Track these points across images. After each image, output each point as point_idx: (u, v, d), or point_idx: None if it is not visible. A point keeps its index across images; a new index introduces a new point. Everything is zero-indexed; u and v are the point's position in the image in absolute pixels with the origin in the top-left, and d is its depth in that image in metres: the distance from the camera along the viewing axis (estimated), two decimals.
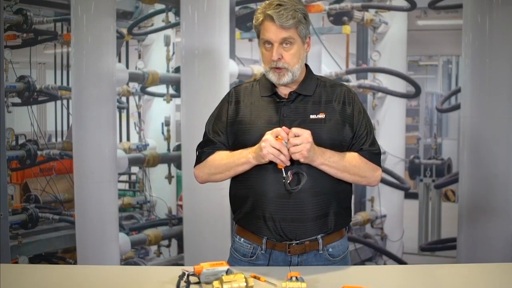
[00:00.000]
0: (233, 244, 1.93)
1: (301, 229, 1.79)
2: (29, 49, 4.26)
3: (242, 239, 1.88)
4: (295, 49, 1.78)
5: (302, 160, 1.70)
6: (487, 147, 3.53)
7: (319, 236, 1.82)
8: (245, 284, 1.56)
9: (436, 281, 1.74)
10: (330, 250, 1.85)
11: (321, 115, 1.80)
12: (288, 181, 1.73)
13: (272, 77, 1.80)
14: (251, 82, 1.94)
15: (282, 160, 1.69)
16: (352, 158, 1.81)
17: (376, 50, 4.45)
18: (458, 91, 4.50)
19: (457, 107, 4.17)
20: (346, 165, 1.78)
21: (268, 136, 1.70)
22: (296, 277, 1.60)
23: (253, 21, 1.82)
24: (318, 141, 1.75)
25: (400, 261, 4.33)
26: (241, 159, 1.79)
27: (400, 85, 4.45)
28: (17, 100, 4.12)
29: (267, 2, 1.79)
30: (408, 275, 1.74)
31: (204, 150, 1.89)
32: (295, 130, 1.69)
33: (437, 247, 4.61)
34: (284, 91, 1.85)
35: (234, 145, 1.85)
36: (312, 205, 1.79)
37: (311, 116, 1.80)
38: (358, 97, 1.90)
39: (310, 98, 1.83)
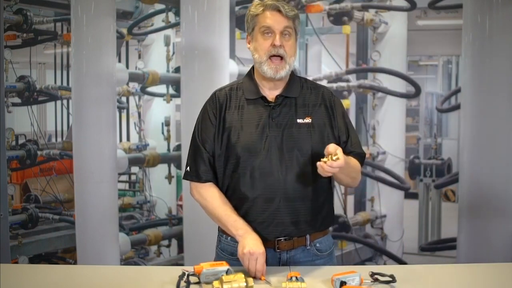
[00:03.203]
0: (219, 244, 1.94)
1: (288, 231, 1.82)
2: (29, 49, 4.26)
3: (229, 237, 1.87)
4: (292, 41, 1.82)
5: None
6: (487, 147, 3.52)
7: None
8: (245, 284, 1.56)
9: (436, 281, 1.74)
10: (318, 245, 1.88)
11: (308, 120, 1.83)
12: None
13: (268, 70, 1.80)
14: (231, 86, 1.92)
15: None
16: (353, 162, 1.84)
17: (376, 50, 4.45)
18: (458, 91, 4.49)
19: (457, 107, 4.17)
20: (350, 169, 1.81)
21: (254, 251, 1.69)
22: (296, 277, 1.60)
23: (248, 13, 1.83)
24: (306, 146, 1.80)
25: (400, 261, 4.32)
26: (229, 228, 1.80)
27: (400, 85, 4.45)
28: (17, 100, 4.11)
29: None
30: (408, 275, 1.74)
31: (200, 173, 1.86)
32: (333, 148, 1.65)
33: (437, 247, 4.60)
34: (270, 94, 1.86)
35: (225, 150, 1.84)
36: (300, 209, 1.82)
37: (298, 120, 1.82)
38: (339, 99, 1.94)
39: (296, 101, 1.85)
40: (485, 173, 3.53)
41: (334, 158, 1.64)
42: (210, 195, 1.86)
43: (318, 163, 1.66)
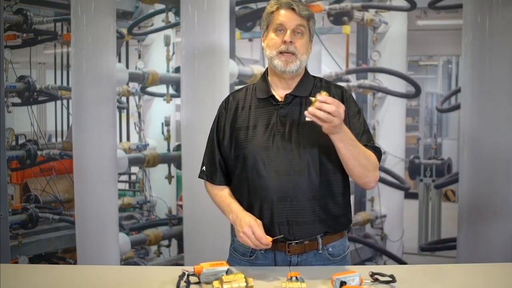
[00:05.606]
0: (232, 243, 1.94)
1: (300, 232, 1.79)
2: (29, 49, 4.26)
3: None
4: (305, 40, 1.82)
5: (328, 129, 1.62)
6: (487, 147, 3.52)
7: (318, 235, 1.82)
8: (245, 284, 1.56)
9: (436, 281, 1.74)
10: (330, 249, 1.85)
11: None
12: None
13: (279, 63, 1.80)
14: (247, 86, 1.95)
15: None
16: (364, 148, 1.77)
17: (376, 50, 4.45)
18: (458, 91, 4.49)
19: (457, 107, 4.17)
20: (360, 152, 1.73)
21: (247, 229, 1.72)
22: (296, 277, 1.60)
23: (264, 12, 1.85)
24: (314, 144, 1.77)
25: (400, 261, 4.33)
26: (227, 214, 1.85)
27: (400, 85, 4.45)
28: (17, 100, 4.11)
29: None
30: (408, 275, 1.74)
31: (214, 177, 1.92)
32: (322, 98, 1.60)
33: (437, 247, 4.60)
34: (280, 94, 1.85)
35: (235, 150, 1.85)
36: (310, 209, 1.79)
37: (307, 119, 1.78)
38: (353, 97, 1.91)
39: (306, 100, 1.82)
40: (485, 173, 3.53)
41: (319, 98, 1.58)
42: (217, 192, 1.93)
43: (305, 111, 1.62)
